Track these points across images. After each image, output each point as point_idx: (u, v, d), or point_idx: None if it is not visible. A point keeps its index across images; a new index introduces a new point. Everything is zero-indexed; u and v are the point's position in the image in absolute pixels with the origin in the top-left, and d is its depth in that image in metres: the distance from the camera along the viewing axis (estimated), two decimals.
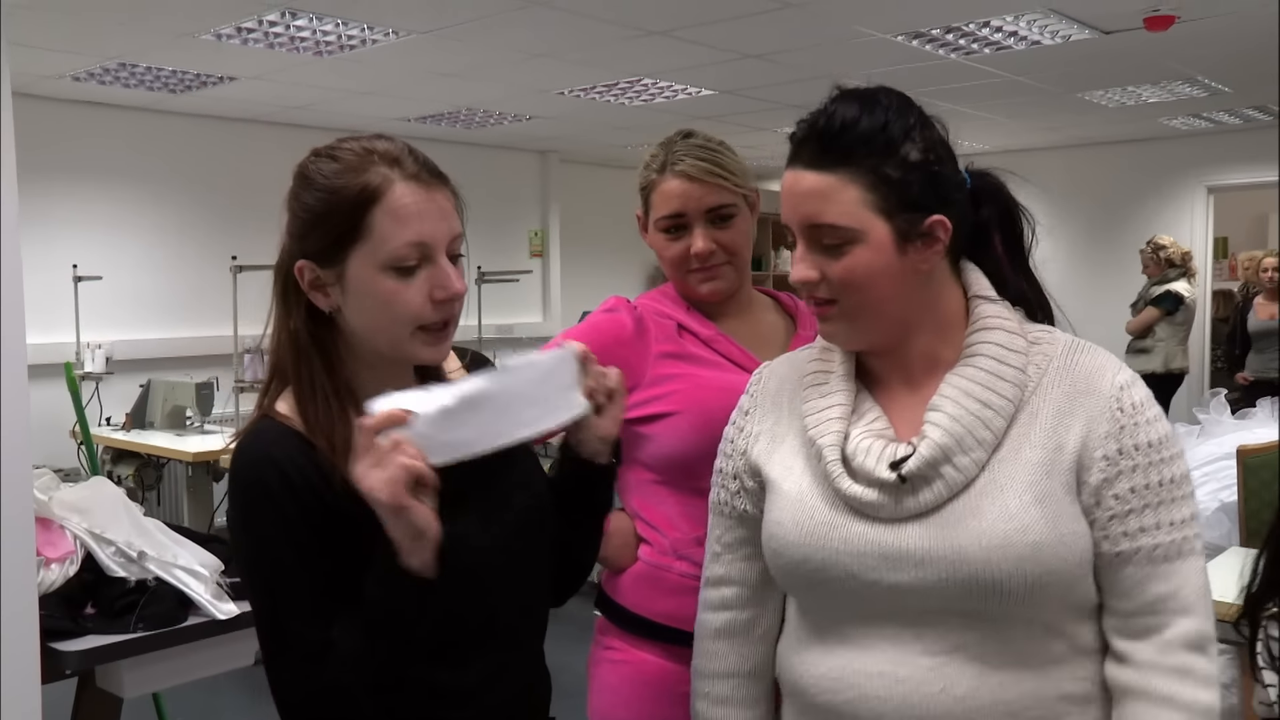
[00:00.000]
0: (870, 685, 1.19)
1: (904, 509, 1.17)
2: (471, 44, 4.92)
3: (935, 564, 1.15)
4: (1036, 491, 1.15)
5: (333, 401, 1.22)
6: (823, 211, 1.19)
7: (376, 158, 1.20)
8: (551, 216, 8.83)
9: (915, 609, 1.17)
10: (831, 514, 1.21)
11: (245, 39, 4.74)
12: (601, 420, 1.31)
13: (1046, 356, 1.22)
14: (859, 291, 1.20)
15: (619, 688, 1.69)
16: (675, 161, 1.69)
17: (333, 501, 1.17)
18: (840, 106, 1.21)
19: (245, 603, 2.34)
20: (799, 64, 5.43)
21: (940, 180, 1.21)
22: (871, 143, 1.18)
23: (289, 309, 1.25)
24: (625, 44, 4.96)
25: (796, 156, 1.22)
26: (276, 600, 1.18)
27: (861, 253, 1.19)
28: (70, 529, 2.28)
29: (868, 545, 1.18)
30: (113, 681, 2.27)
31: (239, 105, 6.37)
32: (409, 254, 1.19)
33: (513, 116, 6.93)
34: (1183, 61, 5.56)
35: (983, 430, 1.17)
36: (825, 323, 1.26)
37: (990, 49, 5.17)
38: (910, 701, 1.16)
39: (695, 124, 6.56)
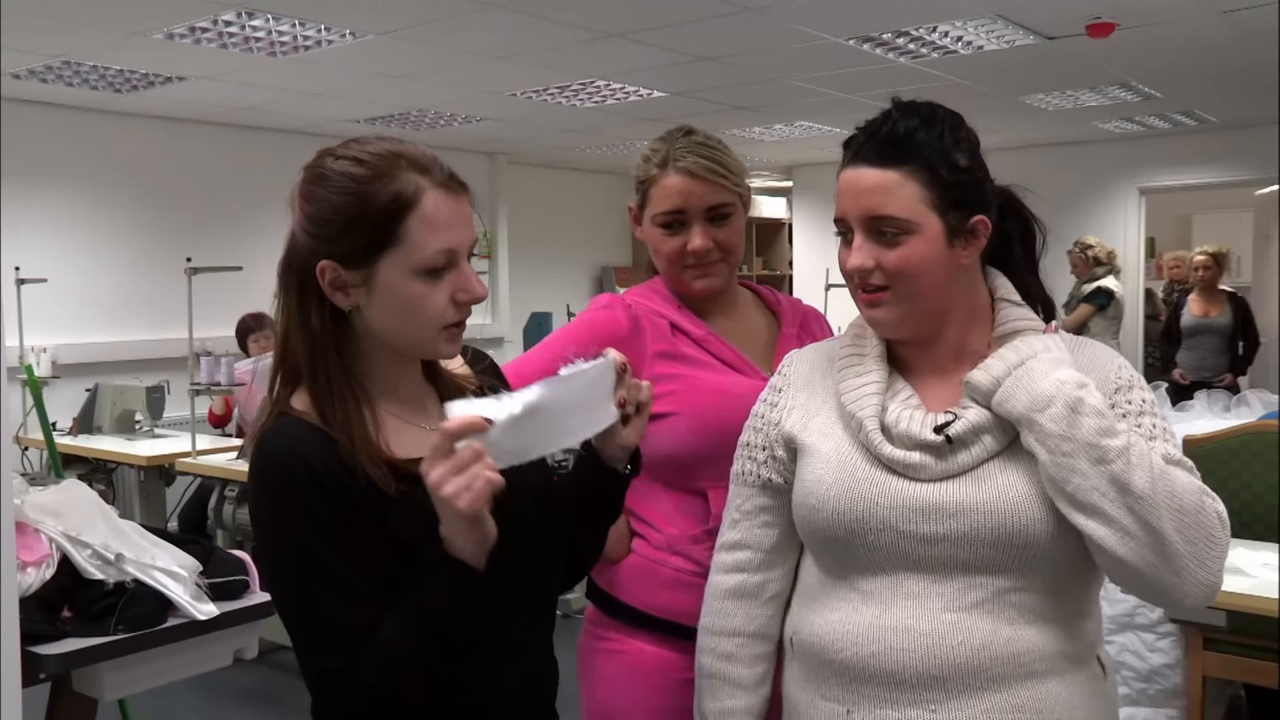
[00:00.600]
0: (895, 639, 1.30)
1: (942, 469, 1.30)
2: (428, 45, 4.92)
3: (967, 515, 1.28)
4: None
5: (349, 398, 1.25)
6: (884, 204, 1.32)
7: (405, 162, 1.23)
8: (500, 218, 8.83)
9: (942, 561, 1.30)
10: (872, 471, 1.33)
11: (199, 38, 4.69)
12: (626, 430, 1.35)
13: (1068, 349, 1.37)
14: (911, 280, 1.33)
15: (617, 677, 1.71)
16: (677, 158, 1.70)
17: (357, 495, 1.19)
18: (902, 115, 1.35)
19: (226, 603, 2.35)
20: (750, 67, 5.51)
21: (983, 187, 1.38)
22: (930, 147, 1.32)
23: (305, 307, 1.26)
24: (580, 46, 4.99)
25: (858, 156, 1.35)
26: (312, 593, 1.19)
27: (916, 244, 1.32)
28: (45, 532, 2.26)
29: (905, 499, 1.31)
30: (92, 684, 2.25)
31: (186, 106, 6.28)
32: (439, 259, 1.22)
33: (463, 118, 6.93)
34: (1119, 67, 5.73)
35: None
36: (875, 309, 1.36)
37: (938, 53, 5.28)
38: (932, 653, 1.28)
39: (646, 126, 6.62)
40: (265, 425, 1.27)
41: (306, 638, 1.21)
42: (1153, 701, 3.04)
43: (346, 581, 1.19)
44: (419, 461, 1.20)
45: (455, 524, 1.14)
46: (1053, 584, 1.30)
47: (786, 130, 7.64)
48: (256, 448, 1.25)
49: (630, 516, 1.73)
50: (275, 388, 1.30)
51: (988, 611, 1.29)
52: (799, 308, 1.88)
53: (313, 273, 1.24)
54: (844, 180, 1.36)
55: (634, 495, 1.71)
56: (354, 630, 1.18)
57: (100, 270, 6.43)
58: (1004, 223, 1.43)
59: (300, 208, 1.26)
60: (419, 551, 1.19)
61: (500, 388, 1.44)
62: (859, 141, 1.36)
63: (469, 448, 1.12)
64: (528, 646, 1.36)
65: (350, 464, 1.20)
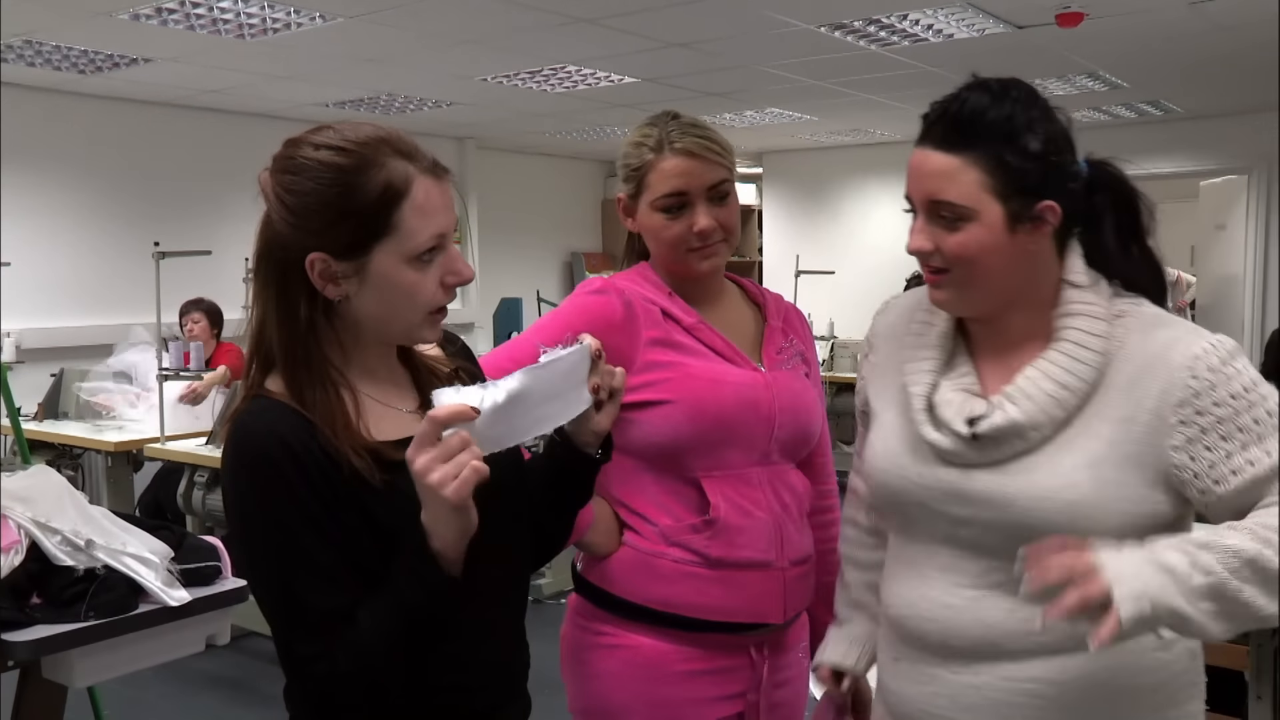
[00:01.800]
0: (924, 607, 1.40)
1: (973, 458, 1.34)
2: (397, 29, 4.89)
3: (990, 505, 1.32)
4: (1091, 458, 1.29)
5: (329, 387, 1.24)
6: (944, 189, 1.32)
7: (389, 149, 1.22)
8: (470, 204, 8.78)
9: (970, 542, 1.35)
10: (913, 451, 1.40)
11: (165, 19, 4.63)
12: (599, 416, 1.35)
13: (1126, 330, 1.34)
14: (969, 265, 1.33)
15: (616, 672, 1.69)
16: (673, 140, 1.68)
17: (336, 479, 1.19)
18: (973, 95, 1.33)
19: (197, 589, 2.34)
20: (721, 52, 5.51)
21: (1056, 169, 1.34)
22: (996, 130, 1.31)
23: (289, 299, 1.24)
24: (550, 31, 4.97)
25: (927, 136, 1.35)
26: (291, 575, 1.18)
27: (975, 230, 1.31)
28: (14, 519, 2.24)
29: (938, 482, 1.36)
30: (61, 672, 2.23)
31: (152, 88, 6.20)
32: (431, 244, 1.23)
33: (433, 103, 6.88)
34: (1087, 56, 5.78)
35: (1056, 410, 1.31)
36: (936, 289, 1.38)
37: (908, 41, 5.31)
38: (951, 625, 1.37)
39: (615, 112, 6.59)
40: (240, 407, 1.26)
41: (284, 622, 1.21)
42: None
43: (325, 565, 1.18)
44: (399, 444, 1.21)
45: (439, 512, 1.14)
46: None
47: (757, 116, 7.64)
48: (232, 429, 1.24)
49: (620, 509, 1.71)
50: (250, 372, 1.29)
51: (1008, 592, 1.30)
52: (781, 303, 1.87)
53: (297, 265, 1.22)
54: (912, 159, 1.36)
55: (624, 487, 1.70)
56: (332, 615, 1.17)
57: (66, 254, 6.34)
58: (1093, 198, 1.39)
59: (280, 199, 1.23)
60: (399, 539, 1.19)
61: (474, 371, 1.44)
62: (930, 120, 1.35)
63: (457, 436, 1.12)
64: (501, 629, 1.37)
65: (329, 449, 1.20)
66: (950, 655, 1.37)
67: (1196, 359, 1.28)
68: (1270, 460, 1.25)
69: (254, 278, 1.29)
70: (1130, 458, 1.29)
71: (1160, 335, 1.32)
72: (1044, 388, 1.31)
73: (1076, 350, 1.32)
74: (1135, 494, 1.29)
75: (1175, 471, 1.28)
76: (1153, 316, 1.36)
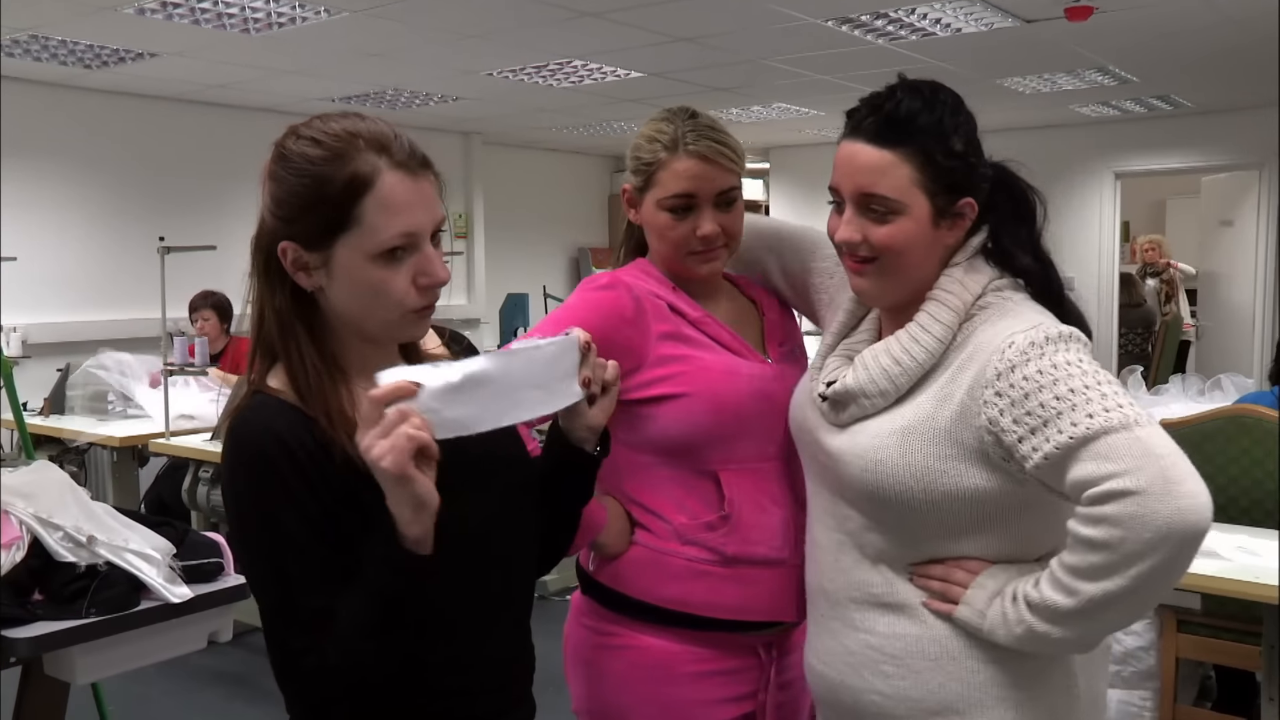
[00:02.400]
0: (812, 547, 1.56)
1: (832, 418, 1.48)
2: (403, 24, 4.87)
3: (834, 460, 1.46)
4: (905, 425, 1.39)
5: (324, 375, 1.23)
6: (876, 183, 1.39)
7: (362, 142, 1.20)
8: (475, 199, 8.78)
9: (833, 488, 1.49)
10: (810, 403, 1.53)
11: (170, 14, 4.62)
12: (592, 410, 1.34)
13: (984, 320, 1.40)
14: (895, 256, 1.41)
15: (624, 673, 1.67)
16: (688, 141, 1.65)
17: (333, 474, 1.18)
18: (906, 95, 1.40)
19: (200, 586, 2.33)
20: (728, 47, 5.49)
21: (974, 169, 1.43)
22: (928, 130, 1.38)
23: (272, 286, 1.25)
24: (556, 25, 4.95)
25: (857, 131, 1.40)
26: (286, 573, 1.17)
27: (904, 223, 1.39)
28: (15, 514, 2.23)
29: (813, 432, 1.51)
30: (63, 668, 2.22)
31: (158, 83, 6.20)
32: (396, 243, 1.20)
33: (439, 97, 6.87)
34: (1096, 51, 5.75)
35: (886, 382, 1.41)
36: (859, 278, 1.46)
37: (916, 35, 5.28)
38: (823, 565, 1.52)
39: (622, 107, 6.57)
40: (241, 404, 1.25)
41: (277, 618, 1.20)
42: (1126, 684, 3.07)
43: (318, 563, 1.17)
44: None
45: (387, 487, 1.11)
46: (911, 541, 1.42)
47: (763, 112, 7.62)
48: (231, 426, 1.23)
49: (633, 506, 1.68)
50: (252, 366, 1.28)
51: (857, 542, 1.46)
52: (766, 296, 1.86)
53: (276, 253, 1.23)
54: (842, 152, 1.43)
55: (638, 484, 1.68)
56: (323, 612, 1.16)
57: (71, 249, 6.34)
58: (995, 196, 1.47)
59: (267, 188, 1.24)
60: None
61: None
62: (861, 116, 1.41)
63: (395, 410, 1.09)
64: (505, 630, 1.35)
65: (327, 444, 1.19)
66: (819, 596, 1.53)
67: (1012, 342, 1.32)
68: (1049, 446, 1.25)
69: (251, 268, 1.28)
70: (944, 432, 1.36)
71: (1003, 323, 1.37)
72: (881, 361, 1.42)
73: (919, 332, 1.41)
74: (949, 468, 1.35)
75: (988, 450, 1.33)
76: (1013, 309, 1.40)
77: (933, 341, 1.40)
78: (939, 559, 1.41)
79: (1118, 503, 1.20)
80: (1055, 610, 1.28)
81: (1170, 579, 1.24)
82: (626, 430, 1.64)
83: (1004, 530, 1.38)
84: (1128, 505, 1.19)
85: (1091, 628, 1.31)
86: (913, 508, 1.37)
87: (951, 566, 1.39)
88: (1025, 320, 1.36)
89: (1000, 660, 1.38)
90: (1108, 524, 1.21)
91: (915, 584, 1.42)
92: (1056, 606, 1.28)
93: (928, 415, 1.37)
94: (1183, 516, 1.18)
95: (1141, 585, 1.22)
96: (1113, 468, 1.21)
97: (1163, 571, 1.21)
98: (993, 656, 1.38)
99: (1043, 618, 1.30)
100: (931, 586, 1.41)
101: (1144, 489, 1.19)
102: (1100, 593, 1.24)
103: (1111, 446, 1.22)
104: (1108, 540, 1.21)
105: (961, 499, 1.35)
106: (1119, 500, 1.20)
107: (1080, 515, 1.25)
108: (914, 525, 1.40)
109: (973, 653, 1.39)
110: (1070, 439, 1.24)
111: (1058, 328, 1.34)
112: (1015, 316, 1.38)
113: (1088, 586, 1.24)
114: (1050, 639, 1.31)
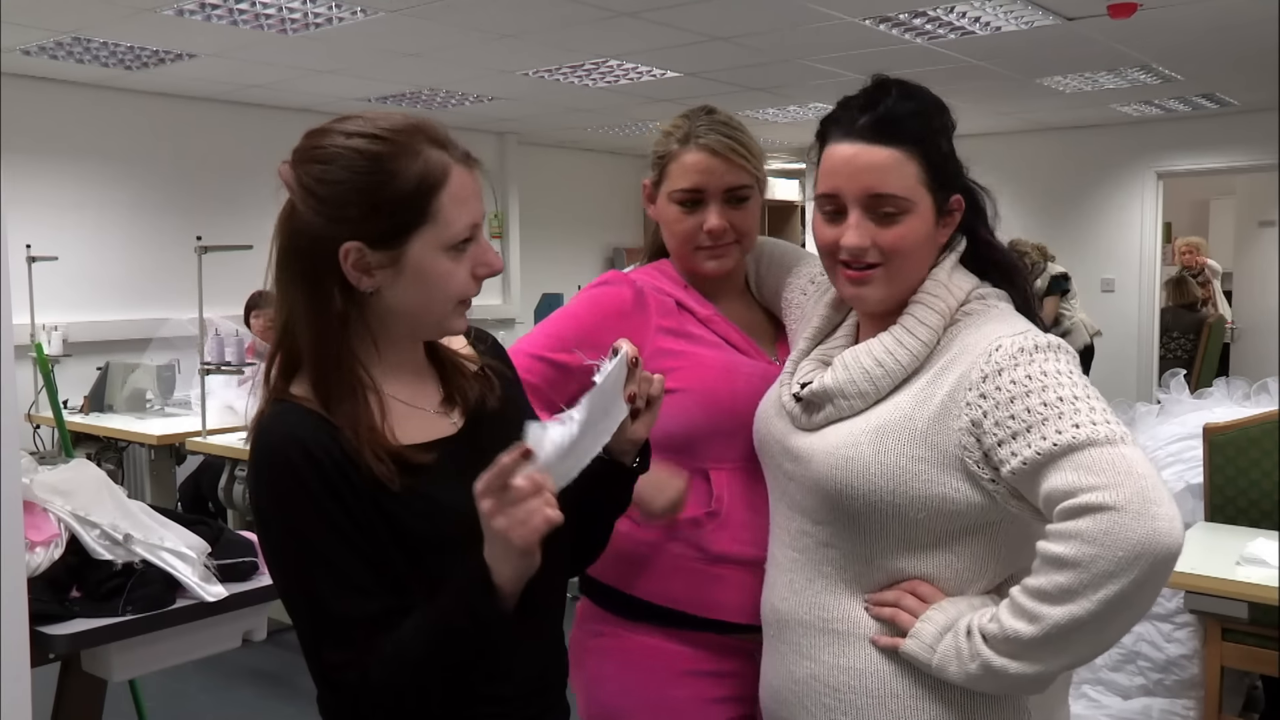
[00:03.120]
0: (770, 566, 1.52)
1: (804, 421, 1.43)
2: (439, 23, 4.88)
3: (803, 463, 1.41)
4: (881, 425, 1.34)
5: (356, 386, 1.22)
6: (885, 182, 1.35)
7: (424, 138, 1.20)
8: (510, 199, 8.78)
9: (794, 501, 1.45)
10: (776, 411, 1.49)
11: (209, 15, 4.65)
12: (635, 424, 1.32)
13: (966, 325, 1.38)
14: (904, 257, 1.37)
15: (615, 674, 1.66)
16: (699, 135, 1.67)
17: (359, 485, 1.17)
18: (899, 95, 1.38)
19: (234, 584, 2.34)
20: (764, 47, 5.45)
21: (960, 167, 1.43)
22: (924, 127, 1.37)
23: (320, 293, 1.21)
24: (592, 25, 4.94)
25: (855, 132, 1.36)
26: (317, 585, 1.16)
27: (912, 222, 1.36)
28: (54, 512, 2.24)
29: (782, 439, 1.46)
30: (100, 665, 2.24)
31: (196, 83, 6.25)
32: (467, 235, 1.21)
33: (474, 97, 6.88)
34: (1139, 49, 5.66)
35: (866, 384, 1.37)
36: (862, 286, 1.39)
37: (955, 34, 5.22)
38: (776, 586, 1.48)
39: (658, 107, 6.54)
40: (263, 411, 1.23)
41: (311, 630, 1.18)
42: (1169, 692, 3.02)
43: (350, 573, 1.16)
44: (423, 448, 1.20)
45: (503, 553, 1.11)
46: (866, 555, 1.36)
47: (800, 112, 7.56)
48: (255, 435, 1.22)
49: None
50: (272, 375, 1.26)
51: (811, 559, 1.42)
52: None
53: (328, 257, 1.19)
54: (838, 156, 1.38)
55: None
56: (360, 623, 1.15)
57: (112, 248, 6.41)
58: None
59: (309, 189, 1.20)
60: (422, 545, 1.17)
61: (505, 370, 1.41)
62: (853, 118, 1.38)
63: (529, 480, 1.09)
64: (540, 637, 1.34)
65: (352, 453, 1.17)
66: (768, 615, 1.49)
67: (998, 347, 1.30)
68: (1029, 451, 1.22)
69: (277, 274, 1.24)
70: (920, 435, 1.32)
71: (988, 328, 1.35)
72: (863, 362, 1.38)
73: (904, 335, 1.37)
74: (920, 471, 1.31)
75: (964, 455, 1.29)
76: (997, 314, 1.38)
77: (918, 345, 1.37)
78: (893, 583, 1.36)
79: (1092, 517, 1.16)
80: (1016, 640, 1.22)
81: (1136, 609, 1.19)
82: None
83: (964, 548, 1.34)
84: (1102, 521, 1.15)
85: (1050, 661, 1.24)
86: (879, 510, 1.32)
87: (903, 593, 1.34)
88: (1011, 325, 1.35)
89: (946, 699, 1.33)
90: (1080, 540, 1.16)
91: (869, 612, 1.36)
92: (1018, 636, 1.21)
93: (905, 416, 1.34)
94: (1157, 538, 1.14)
95: (1107, 610, 1.16)
96: (1092, 480, 1.18)
97: (1131, 596, 1.16)
98: (938, 695, 1.33)
99: (1000, 651, 1.24)
100: (883, 614, 1.35)
101: (1121, 505, 1.15)
102: (1066, 618, 1.18)
103: (1093, 459, 1.19)
104: (1078, 558, 1.16)
105: (929, 505, 1.31)
106: (1094, 514, 1.16)
107: (1051, 532, 1.21)
108: (875, 533, 1.35)
109: (917, 690, 1.33)
110: (1054, 445, 1.21)
111: (1046, 336, 1.32)
112: (1000, 321, 1.36)
113: (1052, 611, 1.19)
114: (1007, 674, 1.24)
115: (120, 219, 6.48)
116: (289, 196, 1.22)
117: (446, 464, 1.23)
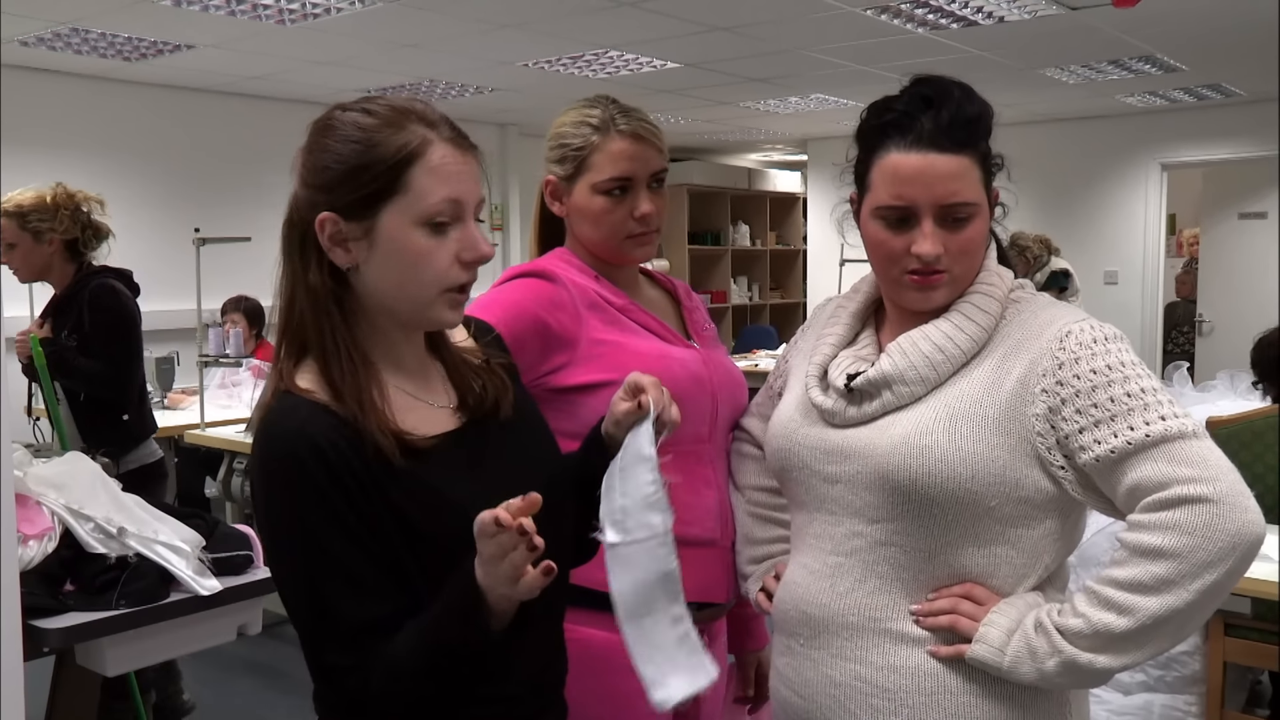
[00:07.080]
0: (794, 574, 1.47)
1: (851, 416, 1.40)
2: (438, 14, 4.85)
3: (858, 458, 1.37)
4: (953, 412, 1.33)
5: (356, 361, 1.20)
6: (960, 190, 1.35)
7: (414, 117, 1.20)
8: (511, 190, 8.75)
9: (839, 503, 1.40)
10: (802, 418, 1.46)
11: (207, 5, 4.63)
12: None
13: (1018, 311, 1.40)
14: (970, 257, 1.39)
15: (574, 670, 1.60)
16: (618, 123, 1.66)
17: (364, 473, 1.15)
18: (961, 96, 1.36)
19: (229, 578, 2.32)
20: (766, 37, 5.42)
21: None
22: (982, 128, 1.38)
23: (306, 264, 1.21)
24: (592, 15, 4.92)
25: (924, 141, 1.34)
26: (323, 583, 1.14)
27: (979, 224, 1.38)
28: (47, 505, 2.23)
29: (818, 442, 1.42)
30: (94, 659, 2.23)
31: (194, 75, 6.23)
32: (444, 210, 1.18)
33: (474, 89, 6.85)
34: (1144, 39, 5.62)
35: (927, 369, 1.36)
36: (932, 290, 1.38)
37: (958, 24, 5.19)
38: (810, 590, 1.43)
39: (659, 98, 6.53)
40: (268, 402, 1.21)
41: (314, 631, 1.17)
42: (1170, 688, 3.00)
43: (354, 572, 1.14)
44: (424, 438, 1.19)
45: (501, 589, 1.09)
46: (928, 550, 1.34)
47: (801, 103, 7.53)
48: (260, 428, 1.19)
49: None
50: (278, 359, 1.24)
51: (863, 560, 1.37)
52: (686, 286, 1.90)
53: (313, 228, 1.19)
54: (911, 166, 1.34)
55: None
56: (363, 627, 1.13)
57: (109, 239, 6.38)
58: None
59: (304, 161, 1.22)
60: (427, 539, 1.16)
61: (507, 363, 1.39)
62: (917, 124, 1.34)
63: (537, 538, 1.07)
64: (541, 634, 1.32)
65: (357, 441, 1.15)
66: (802, 622, 1.43)
67: (1069, 333, 1.31)
68: (1117, 440, 1.25)
69: (281, 250, 1.25)
70: (992, 421, 1.31)
71: (1045, 315, 1.37)
72: (921, 346, 1.37)
73: (963, 320, 1.37)
74: (996, 457, 1.30)
75: (1037, 441, 1.30)
76: (1046, 301, 1.42)
77: (978, 330, 1.37)
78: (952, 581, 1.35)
79: (1190, 508, 1.19)
80: (1106, 634, 1.22)
81: (1223, 596, 1.21)
82: (566, 418, 1.58)
83: (1024, 540, 1.34)
84: (1201, 513, 1.18)
85: (1137, 654, 1.24)
86: (955, 498, 1.30)
87: (957, 599, 1.33)
88: (1070, 313, 1.36)
89: (995, 694, 1.33)
90: (1178, 531, 1.18)
91: (920, 624, 1.35)
92: (1108, 629, 1.22)
93: (974, 401, 1.33)
94: (1251, 529, 1.19)
95: (1204, 600, 1.19)
96: (1188, 472, 1.20)
97: (1225, 586, 1.19)
98: (988, 690, 1.33)
99: (1084, 646, 1.24)
100: (939, 624, 1.33)
101: (1218, 498, 1.18)
102: (1163, 609, 1.19)
103: (1185, 452, 1.22)
104: (1177, 549, 1.18)
105: (1002, 492, 1.31)
106: (1191, 505, 1.19)
107: (1141, 523, 1.21)
108: (943, 525, 1.33)
109: (969, 687, 1.33)
110: (1145, 436, 1.23)
111: (1109, 326, 1.34)
112: (1054, 308, 1.39)
113: (1148, 602, 1.19)
114: (1093, 669, 1.24)
115: (117, 210, 6.38)
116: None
117: (449, 458, 1.21)
